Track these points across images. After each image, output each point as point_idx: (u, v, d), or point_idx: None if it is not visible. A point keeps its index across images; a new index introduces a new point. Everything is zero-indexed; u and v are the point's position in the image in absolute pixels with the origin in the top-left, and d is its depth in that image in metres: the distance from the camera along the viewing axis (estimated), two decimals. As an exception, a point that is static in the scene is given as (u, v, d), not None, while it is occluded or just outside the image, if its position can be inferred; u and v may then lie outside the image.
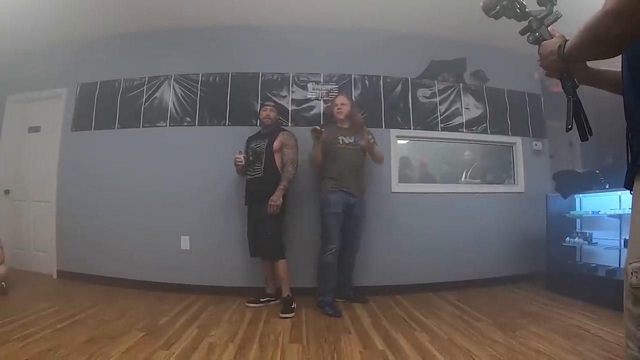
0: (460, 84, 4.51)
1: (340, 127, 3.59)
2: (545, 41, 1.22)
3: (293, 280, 3.46)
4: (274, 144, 3.48)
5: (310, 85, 4.19)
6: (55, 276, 4.32)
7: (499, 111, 4.58)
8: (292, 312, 3.19)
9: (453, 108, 4.45)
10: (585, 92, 1.28)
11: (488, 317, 3.07)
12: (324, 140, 3.43)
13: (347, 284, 3.70)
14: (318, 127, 3.41)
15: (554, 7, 1.27)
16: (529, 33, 1.30)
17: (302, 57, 4.22)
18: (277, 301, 3.46)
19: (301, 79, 4.19)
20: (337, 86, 4.18)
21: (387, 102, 4.27)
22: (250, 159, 3.55)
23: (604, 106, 1.24)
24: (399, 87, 4.32)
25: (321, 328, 2.84)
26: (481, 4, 1.37)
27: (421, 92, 4.38)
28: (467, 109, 4.48)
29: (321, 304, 3.31)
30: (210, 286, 3.80)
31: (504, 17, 1.38)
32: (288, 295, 3.35)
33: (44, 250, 4.51)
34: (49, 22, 4.11)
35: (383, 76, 4.30)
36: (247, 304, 3.43)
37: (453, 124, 4.41)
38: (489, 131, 4.51)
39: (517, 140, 4.62)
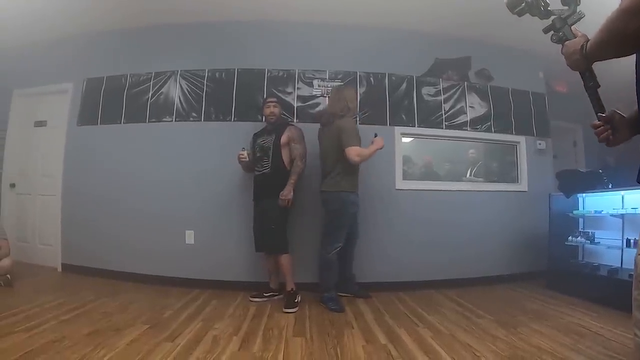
0: (465, 83, 4.51)
1: None
2: (568, 41, 1.24)
3: (296, 275, 3.47)
4: (282, 138, 3.47)
5: (315, 82, 4.20)
6: (59, 269, 4.36)
7: (503, 110, 4.59)
8: (296, 306, 3.20)
9: (457, 106, 4.45)
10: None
11: (490, 314, 3.08)
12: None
13: (351, 278, 3.71)
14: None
15: (577, 7, 1.28)
16: (552, 32, 1.31)
17: (308, 53, 4.23)
18: (281, 296, 3.47)
19: (307, 75, 4.20)
20: (342, 83, 4.18)
21: (392, 100, 4.28)
22: (257, 154, 3.54)
23: (609, 107, 1.26)
24: (404, 85, 4.33)
25: (324, 322, 2.86)
26: (505, 0, 1.37)
27: (426, 90, 4.39)
28: (471, 107, 4.49)
29: (324, 299, 3.32)
30: (215, 280, 3.83)
31: (527, 15, 1.39)
32: (292, 290, 3.37)
33: (49, 244, 4.55)
34: (55, 16, 4.14)
35: (388, 74, 4.30)
36: (251, 299, 3.44)
37: (457, 122, 4.42)
38: (493, 130, 4.52)
39: (521, 139, 4.63)
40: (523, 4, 1.35)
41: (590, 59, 1.15)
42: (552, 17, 1.31)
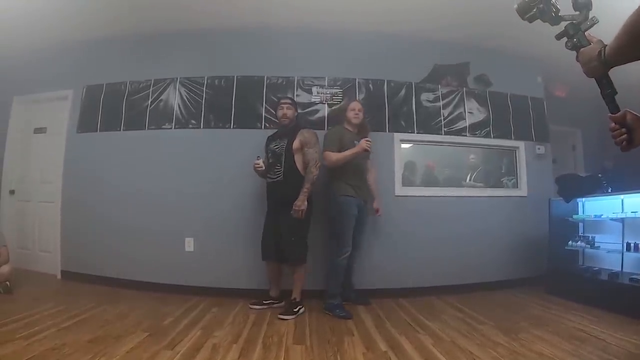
0: (464, 88, 4.53)
1: (350, 131, 3.59)
2: (584, 48, 1.21)
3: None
4: (294, 143, 3.36)
5: (314, 89, 4.20)
6: (59, 276, 4.34)
7: (502, 115, 4.60)
8: (293, 315, 3.16)
9: (456, 112, 4.46)
10: (589, 98, 1.27)
11: (490, 320, 3.08)
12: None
13: (350, 286, 3.70)
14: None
15: (589, 12, 1.25)
16: (566, 39, 1.29)
17: (307, 60, 4.24)
18: (281, 304, 3.43)
19: (306, 82, 4.21)
20: (341, 90, 4.20)
21: (390, 106, 4.28)
22: (270, 161, 3.46)
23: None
24: (403, 91, 4.34)
25: (324, 330, 2.85)
26: (515, 6, 1.34)
27: (425, 96, 4.40)
28: (470, 113, 4.50)
29: (330, 307, 3.29)
30: (214, 288, 3.82)
31: (538, 20, 1.37)
32: (294, 299, 3.34)
33: (48, 251, 4.54)
34: (55, 24, 4.16)
35: (387, 80, 4.31)
36: (251, 306, 3.42)
37: (456, 128, 4.43)
38: (492, 135, 4.52)
39: (520, 144, 4.63)
40: (534, 10, 1.31)
41: (609, 65, 1.11)
42: (564, 24, 1.29)
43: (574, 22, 1.26)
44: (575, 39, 1.25)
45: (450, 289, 4.02)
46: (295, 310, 3.23)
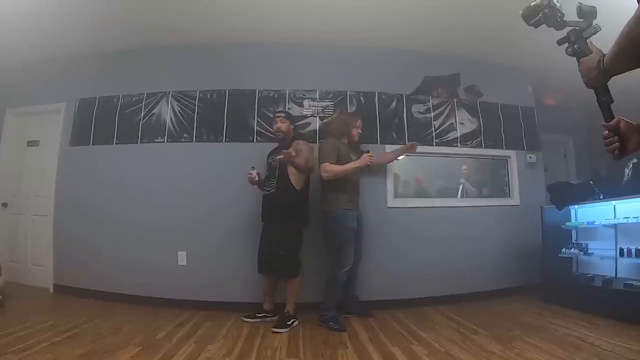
0: (454, 99, 4.57)
1: (345, 144, 3.59)
2: (584, 58, 1.22)
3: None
4: None
5: (306, 102, 4.23)
6: (51, 290, 4.29)
7: (493, 125, 4.63)
8: (286, 328, 3.14)
9: (447, 123, 4.49)
10: (580, 106, 1.28)
11: (485, 330, 3.07)
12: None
13: (355, 297, 3.70)
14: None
15: (594, 20, 1.26)
16: (567, 44, 1.30)
17: (298, 74, 4.28)
18: (275, 317, 3.40)
19: (297, 95, 4.24)
20: (332, 103, 4.23)
21: (382, 118, 4.31)
22: (267, 174, 3.49)
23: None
24: (394, 103, 4.37)
25: (318, 343, 2.83)
26: (521, 12, 1.36)
27: (416, 108, 4.43)
28: (461, 123, 4.53)
29: (324, 319, 3.27)
30: (207, 301, 3.78)
31: (532, 30, 1.38)
32: (287, 312, 3.32)
33: (40, 264, 4.49)
34: (48, 37, 4.16)
35: (378, 92, 4.35)
36: (244, 319, 3.39)
37: (448, 139, 4.45)
38: (483, 145, 4.55)
39: (512, 153, 4.66)
40: (540, 15, 1.33)
41: (609, 74, 1.12)
42: (567, 29, 1.30)
43: (577, 28, 1.28)
44: (576, 46, 1.26)
45: (445, 299, 4.01)
46: (288, 323, 3.21)
